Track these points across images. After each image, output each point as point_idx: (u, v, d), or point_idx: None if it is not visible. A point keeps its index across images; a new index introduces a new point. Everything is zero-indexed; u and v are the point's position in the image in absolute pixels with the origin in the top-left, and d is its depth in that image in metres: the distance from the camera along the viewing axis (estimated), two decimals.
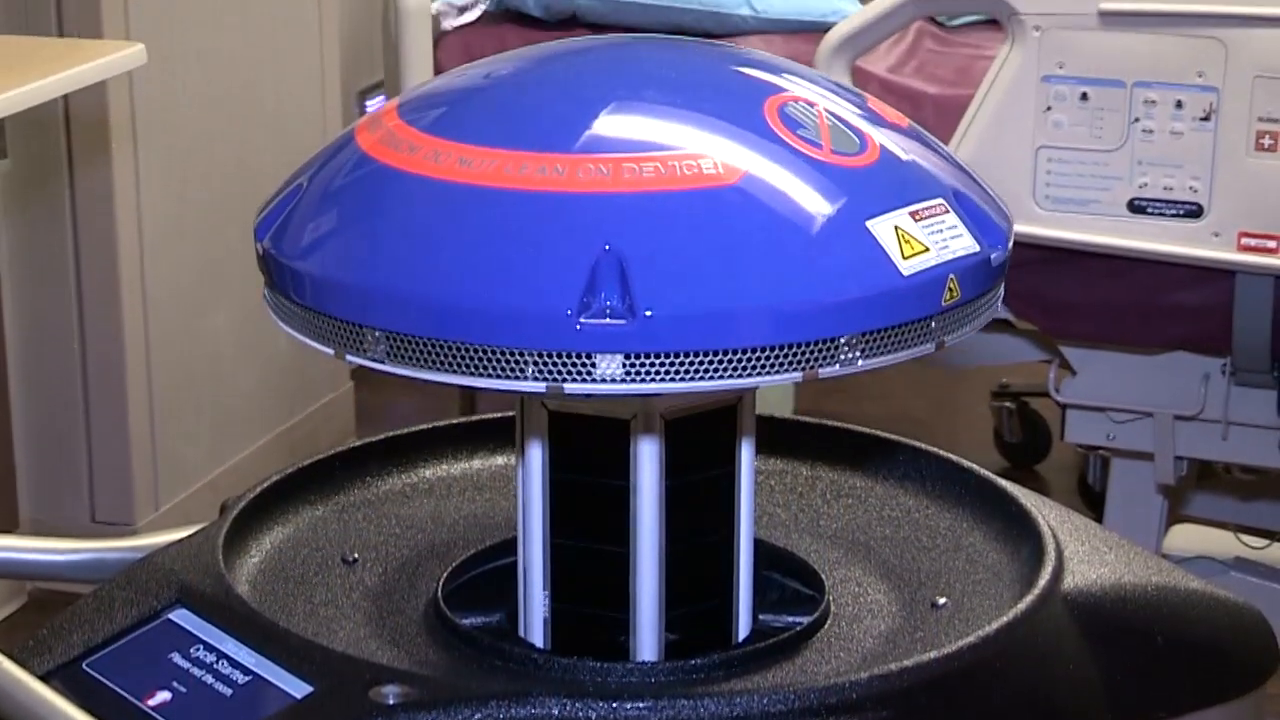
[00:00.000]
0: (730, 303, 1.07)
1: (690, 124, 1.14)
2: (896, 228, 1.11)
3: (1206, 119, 2.24)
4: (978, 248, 1.15)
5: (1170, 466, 2.49)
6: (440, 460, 1.48)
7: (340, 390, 3.83)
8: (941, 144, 1.21)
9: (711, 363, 1.06)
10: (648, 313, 1.05)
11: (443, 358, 1.08)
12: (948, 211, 1.14)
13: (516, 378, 1.07)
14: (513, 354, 1.06)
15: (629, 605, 1.21)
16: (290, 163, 1.20)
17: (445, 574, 1.29)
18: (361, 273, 1.10)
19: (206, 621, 1.23)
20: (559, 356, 1.06)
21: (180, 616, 1.24)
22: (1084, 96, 2.28)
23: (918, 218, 1.13)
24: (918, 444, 1.45)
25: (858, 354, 1.09)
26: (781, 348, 1.07)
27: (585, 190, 1.09)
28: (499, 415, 1.49)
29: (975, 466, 1.42)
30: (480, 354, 1.07)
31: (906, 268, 1.10)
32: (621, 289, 1.06)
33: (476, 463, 1.48)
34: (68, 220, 3.12)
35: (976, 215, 1.17)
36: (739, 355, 1.07)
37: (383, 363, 1.10)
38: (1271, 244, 2.26)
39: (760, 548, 1.29)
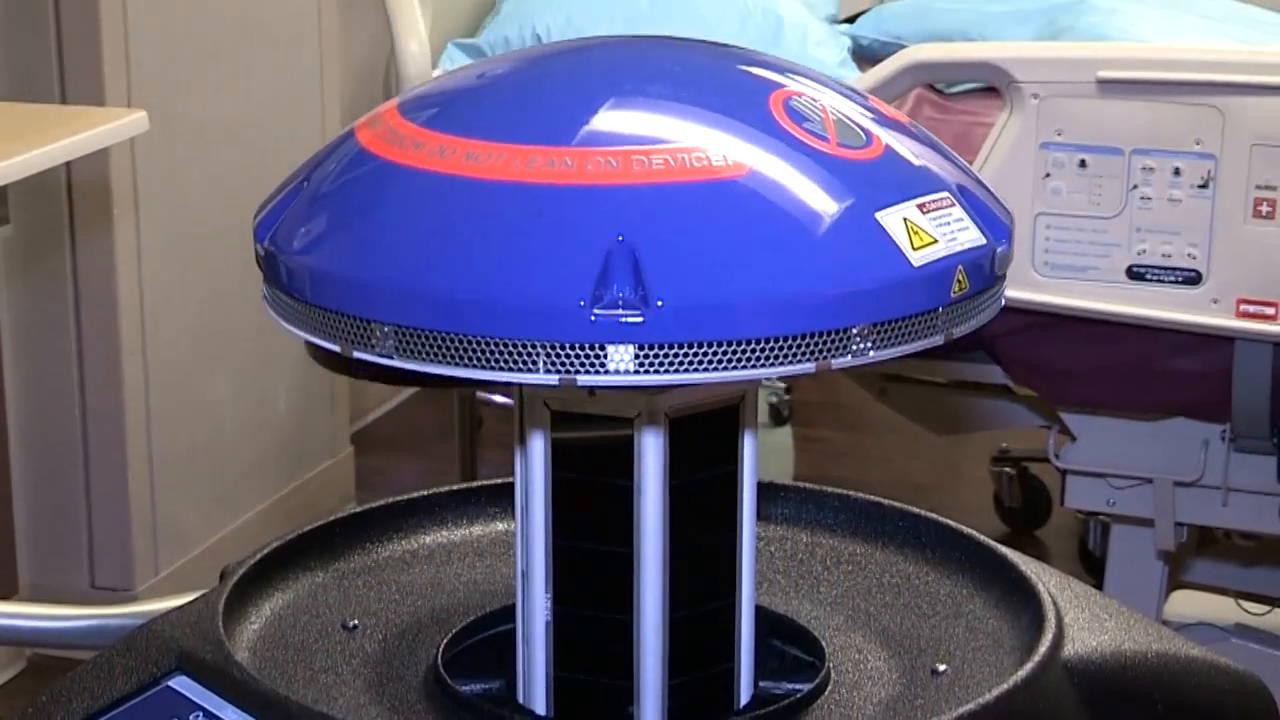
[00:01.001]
0: (744, 293, 1.06)
1: (697, 117, 1.14)
2: (905, 219, 1.12)
3: (1204, 186, 2.25)
4: (984, 240, 1.15)
5: (1170, 532, 2.49)
6: (440, 526, 1.48)
7: (340, 455, 3.83)
8: (941, 141, 1.22)
9: (725, 354, 1.06)
10: (659, 303, 1.05)
11: (453, 351, 1.07)
12: (954, 205, 1.15)
13: (528, 370, 1.06)
14: (524, 346, 1.06)
15: (633, 607, 1.20)
16: None
17: (445, 640, 1.29)
18: (369, 267, 1.10)
19: (206, 689, 1.22)
20: (571, 348, 1.05)
21: (180, 684, 1.24)
22: (1082, 164, 2.29)
23: (925, 210, 1.13)
24: (917, 510, 1.45)
25: (869, 345, 1.09)
26: (795, 338, 1.07)
27: (595, 182, 1.09)
28: (499, 481, 1.49)
29: (974, 533, 1.42)
30: (491, 347, 1.06)
31: (917, 259, 1.11)
32: (634, 280, 1.05)
33: (477, 529, 1.48)
34: (69, 286, 3.13)
35: (981, 209, 1.17)
36: (753, 346, 1.06)
37: (391, 357, 1.09)
38: (1270, 310, 2.26)
39: (760, 614, 1.29)
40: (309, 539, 1.42)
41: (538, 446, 1.21)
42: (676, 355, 1.06)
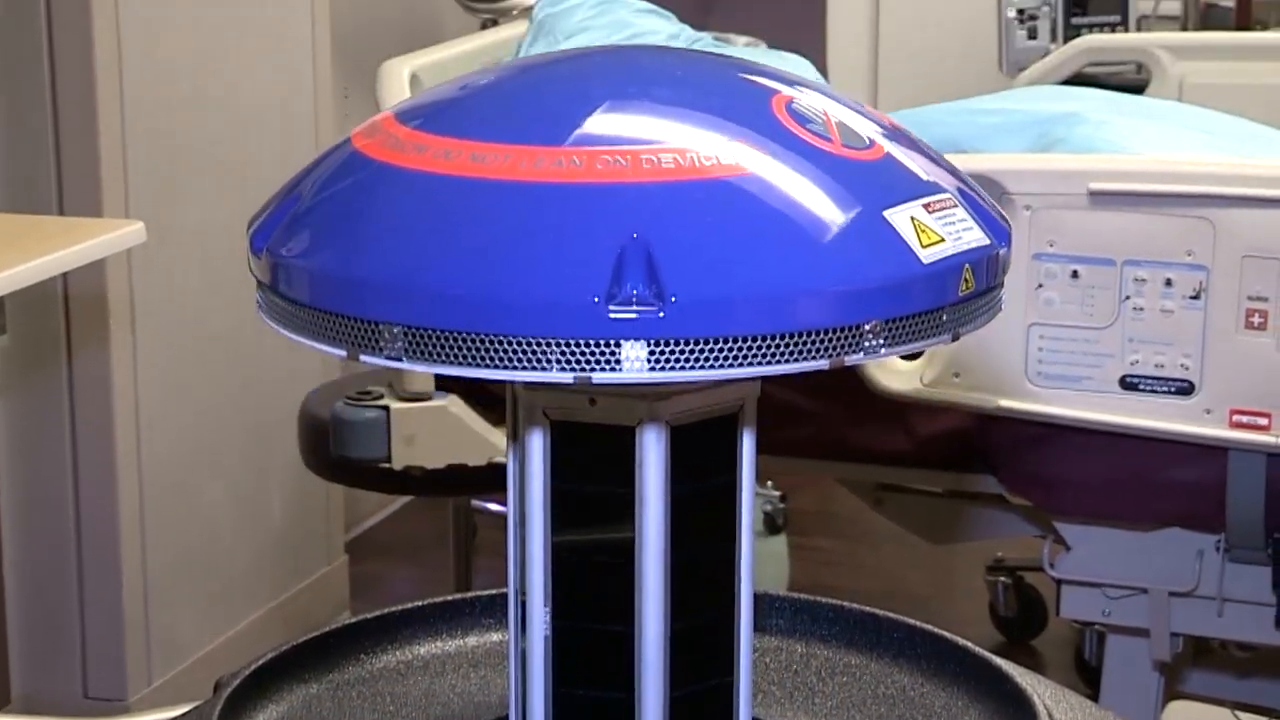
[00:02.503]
0: (758, 289, 1.06)
1: (702, 118, 1.15)
2: (912, 218, 1.12)
3: (1196, 297, 2.26)
4: (988, 241, 1.16)
5: (1166, 643, 2.48)
6: (434, 638, 1.48)
7: (335, 564, 3.82)
8: (932, 148, 1.23)
9: (739, 350, 1.06)
10: (674, 299, 1.05)
11: (464, 351, 1.07)
12: (957, 206, 1.16)
13: (540, 369, 1.06)
14: (538, 344, 1.06)
15: (633, 619, 1.20)
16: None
17: None
18: (377, 268, 1.09)
19: None
20: (586, 346, 1.05)
21: None
22: (1075, 274, 2.30)
23: (931, 210, 1.14)
24: (912, 621, 1.45)
25: (881, 341, 1.09)
26: (809, 334, 1.07)
27: (606, 181, 1.09)
28: (493, 592, 1.49)
29: (969, 644, 1.41)
30: (503, 345, 1.06)
31: (926, 256, 1.11)
32: (648, 277, 1.05)
33: (471, 640, 1.48)
34: (65, 396, 3.13)
35: (981, 212, 1.18)
36: (767, 342, 1.06)
37: (400, 360, 1.08)
38: (1263, 421, 2.26)
39: None
40: (303, 650, 1.41)
41: (536, 458, 1.20)
42: (692, 352, 1.06)
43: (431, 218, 1.10)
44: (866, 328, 1.09)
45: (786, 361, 1.07)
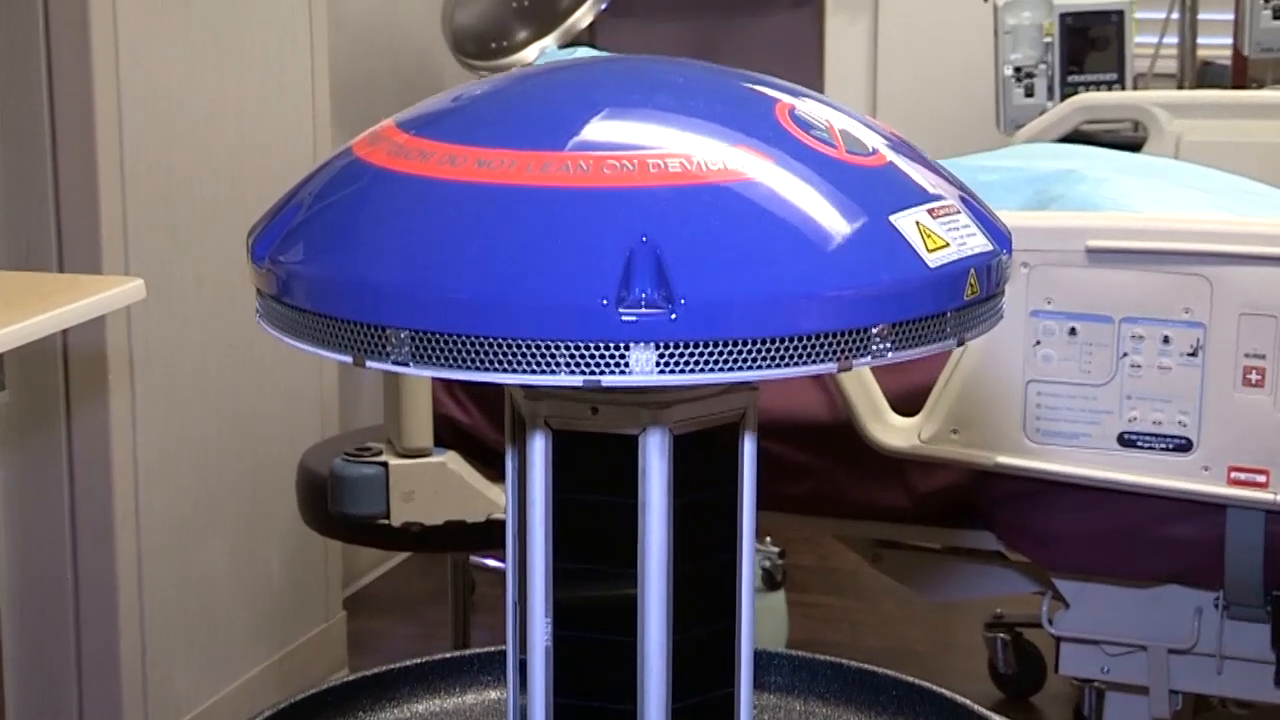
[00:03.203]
0: (767, 292, 1.07)
1: (707, 124, 1.15)
2: (917, 223, 1.13)
3: (1194, 354, 2.26)
4: (991, 246, 1.16)
5: (1165, 700, 2.47)
6: (433, 695, 1.48)
7: (333, 620, 3.82)
8: (932, 158, 1.23)
9: (747, 353, 1.06)
10: (683, 302, 1.05)
11: (471, 355, 1.06)
12: (959, 212, 1.16)
13: (549, 372, 1.06)
14: (547, 347, 1.05)
15: (635, 629, 1.19)
16: (287, 401, 1.20)
17: None
18: (383, 272, 1.09)
19: None
20: (595, 349, 1.05)
21: None
22: (1072, 331, 2.31)
23: (935, 215, 1.14)
24: (910, 679, 1.45)
25: (888, 345, 1.10)
26: (817, 337, 1.07)
27: (614, 185, 1.09)
28: (491, 649, 1.49)
29: (969, 702, 1.41)
30: (511, 348, 1.06)
31: (932, 260, 1.12)
32: (658, 279, 1.05)
33: (469, 697, 1.48)
34: (64, 453, 3.13)
35: (983, 218, 1.19)
36: (775, 345, 1.06)
37: (407, 365, 1.08)
38: (1261, 478, 2.26)
39: None
40: (301, 707, 1.41)
41: (538, 468, 1.20)
42: (701, 354, 1.06)
43: (438, 222, 1.10)
44: (874, 331, 1.09)
45: (795, 364, 1.07)
